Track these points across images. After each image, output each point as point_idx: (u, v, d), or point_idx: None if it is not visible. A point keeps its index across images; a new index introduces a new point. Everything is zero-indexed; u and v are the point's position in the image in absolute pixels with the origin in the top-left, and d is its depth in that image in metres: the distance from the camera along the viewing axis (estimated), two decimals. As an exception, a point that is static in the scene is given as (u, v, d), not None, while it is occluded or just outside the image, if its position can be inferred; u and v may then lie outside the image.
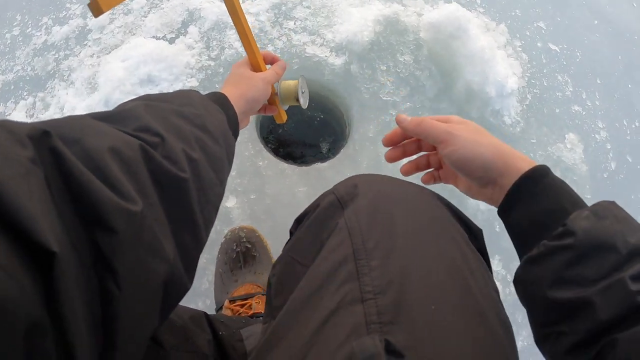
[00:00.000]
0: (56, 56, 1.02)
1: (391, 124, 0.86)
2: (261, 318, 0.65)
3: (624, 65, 1.26)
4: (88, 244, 0.21)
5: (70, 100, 0.94)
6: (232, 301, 0.73)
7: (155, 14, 0.96)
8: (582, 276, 0.30)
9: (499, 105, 0.96)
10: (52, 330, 0.18)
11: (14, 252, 0.17)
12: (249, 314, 0.70)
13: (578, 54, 1.22)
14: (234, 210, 0.79)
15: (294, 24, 0.90)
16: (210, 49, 0.88)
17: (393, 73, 0.89)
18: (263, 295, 0.73)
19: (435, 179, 0.47)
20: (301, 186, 0.80)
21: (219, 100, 0.45)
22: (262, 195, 0.80)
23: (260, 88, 0.51)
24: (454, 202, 0.40)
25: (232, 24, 0.94)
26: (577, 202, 0.35)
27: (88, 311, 0.21)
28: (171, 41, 0.91)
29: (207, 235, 0.35)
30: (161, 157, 0.29)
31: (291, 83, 0.58)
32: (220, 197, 0.38)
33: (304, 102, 0.60)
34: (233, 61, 0.86)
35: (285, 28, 0.89)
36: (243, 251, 0.77)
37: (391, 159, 0.48)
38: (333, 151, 0.88)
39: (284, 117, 0.63)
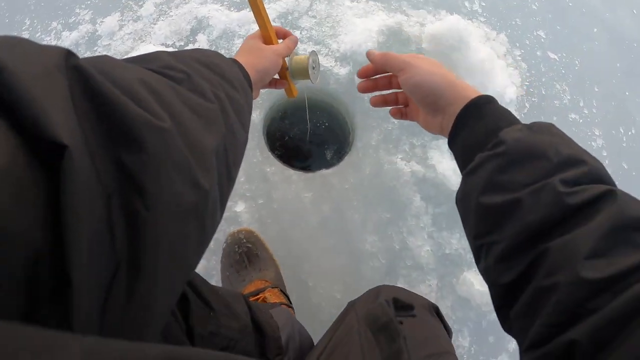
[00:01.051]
0: (66, 61, 1.06)
1: (393, 132, 0.91)
2: (280, 306, 0.70)
3: (623, 73, 1.31)
4: (113, 165, 0.20)
5: (81, 105, 0.98)
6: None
7: (164, 22, 1.00)
8: (512, 181, 0.31)
9: (498, 114, 1.01)
10: (48, 251, 0.16)
11: (18, 147, 0.16)
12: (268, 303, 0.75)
13: (577, 62, 1.27)
14: (243, 214, 0.84)
15: (300, 33, 0.94)
16: (219, 57, 0.93)
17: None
18: (272, 288, 0.78)
19: (402, 114, 0.53)
20: (306, 192, 0.85)
21: (234, 61, 0.45)
22: (269, 201, 0.84)
23: (271, 59, 0.51)
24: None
25: (240, 33, 0.99)
26: (515, 122, 0.37)
27: (103, 231, 0.19)
28: (180, 49, 0.96)
29: (235, 177, 0.35)
30: (188, 90, 0.29)
31: (302, 57, 0.58)
32: (244, 143, 0.38)
33: (314, 77, 0.60)
34: (241, 70, 0.91)
35: (292, 38, 0.93)
36: (245, 251, 0.82)
37: (364, 89, 0.54)
38: (337, 158, 0.93)
39: (295, 92, 0.62)
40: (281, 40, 0.59)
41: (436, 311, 0.51)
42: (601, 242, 0.26)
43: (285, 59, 0.58)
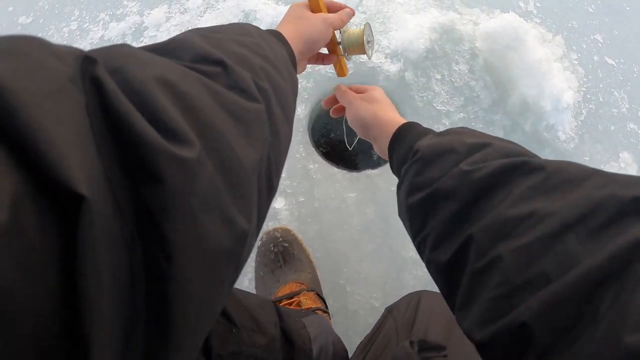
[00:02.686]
0: (112, 51, 1.06)
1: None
2: (314, 312, 0.67)
3: (684, 83, 1.21)
4: (131, 198, 0.16)
5: (125, 95, 0.97)
6: (278, 301, 0.75)
7: (211, 14, 0.99)
8: (428, 178, 0.34)
9: (554, 120, 0.94)
10: (60, 319, 0.13)
11: (23, 195, 0.12)
12: (301, 309, 0.71)
13: (635, 69, 1.18)
14: (282, 211, 0.81)
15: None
16: (265, 50, 0.90)
17: (448, 82, 0.89)
18: (308, 292, 0.74)
19: None
20: (350, 192, 0.81)
21: (277, 35, 0.40)
22: (310, 199, 0.81)
23: (320, 29, 0.46)
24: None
25: (286, 26, 0.96)
26: (431, 133, 0.41)
27: (124, 293, 0.16)
28: (226, 41, 0.94)
29: (277, 185, 0.31)
30: (226, 88, 0.24)
31: (357, 30, 0.53)
32: (289, 139, 0.34)
33: (370, 52, 0.55)
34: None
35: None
36: (281, 251, 0.78)
37: (336, 112, 0.65)
38: (384, 159, 0.88)
39: (346, 70, 0.58)
40: None
41: None
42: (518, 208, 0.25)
43: (336, 33, 0.52)
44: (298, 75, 0.44)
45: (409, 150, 0.39)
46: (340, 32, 0.53)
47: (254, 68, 0.29)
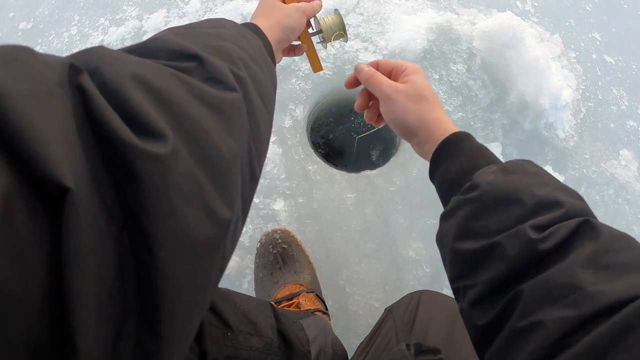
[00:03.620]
0: (112, 55, 1.06)
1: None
2: (313, 314, 0.66)
3: (683, 80, 1.20)
4: (116, 196, 0.17)
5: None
6: (277, 303, 0.74)
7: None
8: (486, 228, 0.30)
9: (553, 118, 0.93)
10: (47, 307, 0.13)
11: (13, 187, 0.13)
12: (300, 311, 0.70)
13: (634, 66, 1.17)
14: (281, 212, 0.80)
15: (347, 30, 0.90)
16: (263, 52, 0.90)
17: (446, 82, 0.88)
18: (307, 293, 0.73)
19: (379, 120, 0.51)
20: (349, 192, 0.80)
21: (252, 28, 0.39)
22: (309, 200, 0.80)
23: (295, 17, 0.45)
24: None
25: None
26: (491, 161, 0.35)
27: (112, 286, 0.16)
28: (224, 44, 0.94)
29: (260, 175, 0.31)
30: (201, 81, 0.24)
31: (334, 17, 0.52)
32: (269, 128, 0.33)
33: (347, 35, 0.54)
34: (285, 65, 0.87)
35: (338, 34, 0.89)
36: (280, 252, 0.77)
37: (360, 108, 0.52)
38: (383, 159, 0.88)
39: (320, 65, 0.55)
40: None
41: None
42: (577, 275, 0.25)
43: (311, 22, 0.51)
44: (295, 78, 0.42)
45: (465, 176, 0.34)
46: (316, 21, 0.52)
47: (230, 58, 0.28)
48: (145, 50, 0.26)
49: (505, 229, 0.29)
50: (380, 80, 0.44)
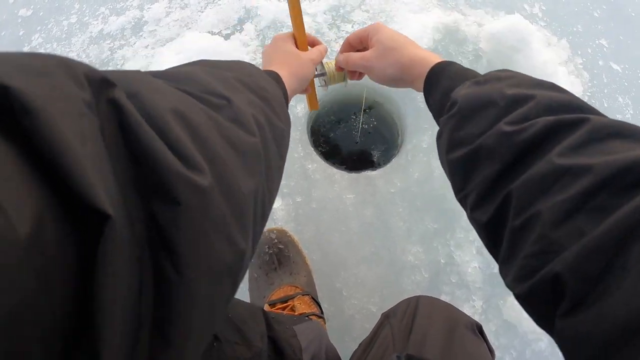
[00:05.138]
0: (111, 45, 1.02)
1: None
2: (307, 318, 0.63)
3: (688, 90, 1.17)
4: (143, 214, 0.17)
5: (123, 90, 0.94)
6: (272, 305, 0.71)
7: (212, 9, 0.95)
8: (468, 134, 0.32)
9: (558, 124, 0.90)
10: (72, 327, 0.14)
11: (47, 208, 0.13)
12: (294, 315, 0.67)
13: (640, 75, 1.14)
14: (278, 211, 0.77)
15: (352, 27, 0.86)
16: (265, 47, 0.86)
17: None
18: (303, 295, 0.70)
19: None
20: (349, 193, 0.77)
21: (274, 76, 0.42)
22: (308, 199, 0.77)
23: (309, 68, 0.49)
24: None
25: (288, 23, 0.92)
26: (469, 78, 0.37)
27: (133, 302, 0.16)
28: (226, 37, 0.90)
29: (269, 215, 0.32)
30: (228, 120, 0.26)
31: (335, 61, 0.55)
32: (281, 175, 0.36)
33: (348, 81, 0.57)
34: (287, 61, 0.84)
35: (343, 31, 0.85)
36: (276, 252, 0.74)
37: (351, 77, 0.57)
38: (384, 160, 0.84)
39: (317, 104, 0.59)
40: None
41: (479, 330, 0.48)
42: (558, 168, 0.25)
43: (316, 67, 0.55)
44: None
45: (446, 97, 0.36)
46: (321, 64, 0.55)
47: (254, 105, 0.30)
48: (179, 80, 0.26)
49: (484, 131, 0.31)
50: (353, 58, 0.49)
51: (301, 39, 0.51)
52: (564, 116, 0.27)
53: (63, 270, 0.13)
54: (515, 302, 0.89)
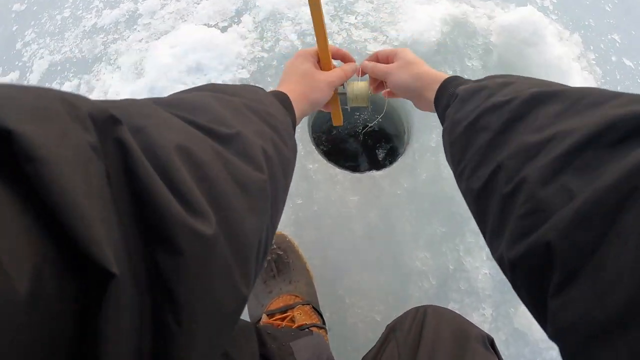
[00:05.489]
0: (104, 39, 0.98)
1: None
2: (308, 330, 0.59)
3: (703, 88, 1.12)
4: (146, 262, 0.16)
5: (115, 85, 0.89)
6: (270, 315, 0.66)
7: (209, 1, 0.90)
8: (465, 112, 0.35)
9: (572, 122, 0.85)
10: None
11: (59, 265, 0.12)
12: (293, 327, 0.62)
13: (654, 72, 1.09)
14: (277, 214, 0.72)
15: (355, 18, 0.81)
16: (264, 40, 0.81)
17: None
18: (303, 305, 0.66)
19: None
20: (352, 195, 0.72)
21: (283, 101, 0.42)
22: (309, 201, 0.72)
23: (324, 91, 0.49)
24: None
25: (288, 15, 0.87)
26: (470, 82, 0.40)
27: (134, 356, 0.16)
28: (223, 30, 0.85)
29: (269, 253, 0.31)
30: (236, 155, 0.25)
31: (361, 84, 0.55)
32: (284, 202, 0.35)
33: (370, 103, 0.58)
34: (288, 54, 0.79)
35: (346, 22, 0.80)
36: (275, 259, 0.69)
37: (373, 90, 0.61)
38: (390, 159, 0.79)
39: (341, 120, 0.59)
40: (336, 62, 0.54)
41: (491, 344, 0.46)
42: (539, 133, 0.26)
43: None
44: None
45: (451, 96, 0.40)
46: (345, 84, 0.55)
47: (264, 137, 0.29)
48: (188, 108, 0.25)
49: (477, 106, 0.33)
50: (379, 67, 0.53)
51: (324, 57, 0.50)
52: (549, 88, 0.28)
53: (62, 325, 0.13)
54: (526, 310, 0.84)
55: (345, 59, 0.55)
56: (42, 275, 0.12)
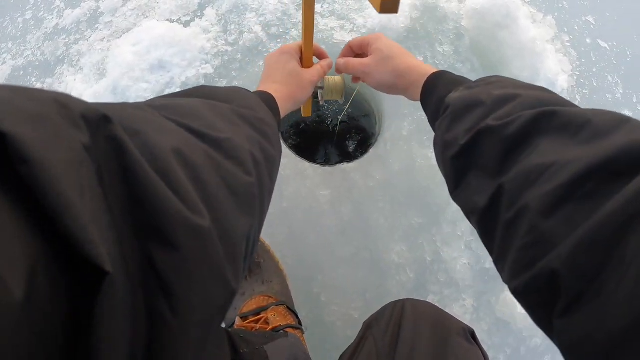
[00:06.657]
0: (66, 40, 0.92)
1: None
2: (282, 332, 0.55)
3: (678, 67, 1.09)
4: (139, 257, 0.17)
5: (78, 87, 0.83)
6: (243, 317, 0.62)
7: (171, -4, 0.84)
8: (458, 133, 0.33)
9: (548, 106, 0.81)
10: None
11: (53, 265, 0.12)
12: (268, 329, 0.58)
13: (629, 52, 1.06)
14: (247, 213, 0.67)
15: (321, 7, 0.76)
16: (228, 33, 0.76)
17: (431, 65, 0.75)
18: (277, 305, 0.62)
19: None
20: (323, 189, 0.67)
21: (269, 104, 0.42)
22: (278, 197, 0.67)
23: (308, 90, 0.49)
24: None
25: (252, 6, 0.82)
26: (463, 84, 0.37)
27: (129, 351, 0.16)
28: (186, 24, 0.79)
29: (255, 251, 0.31)
30: (227, 159, 0.25)
31: (337, 79, 0.55)
32: (269, 204, 0.35)
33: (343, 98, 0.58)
34: (252, 47, 0.74)
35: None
36: (245, 259, 0.65)
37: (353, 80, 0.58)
38: (361, 150, 0.75)
39: (310, 111, 0.58)
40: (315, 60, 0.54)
41: (472, 335, 0.45)
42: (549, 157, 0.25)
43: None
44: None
45: (440, 103, 0.38)
46: (322, 79, 0.54)
47: (252, 141, 0.30)
48: (182, 113, 0.26)
49: (472, 127, 0.31)
50: (353, 64, 0.50)
51: (307, 56, 0.50)
52: (549, 109, 0.27)
53: (58, 325, 0.13)
54: (508, 299, 0.80)
55: (322, 56, 0.54)
56: (37, 277, 0.12)
